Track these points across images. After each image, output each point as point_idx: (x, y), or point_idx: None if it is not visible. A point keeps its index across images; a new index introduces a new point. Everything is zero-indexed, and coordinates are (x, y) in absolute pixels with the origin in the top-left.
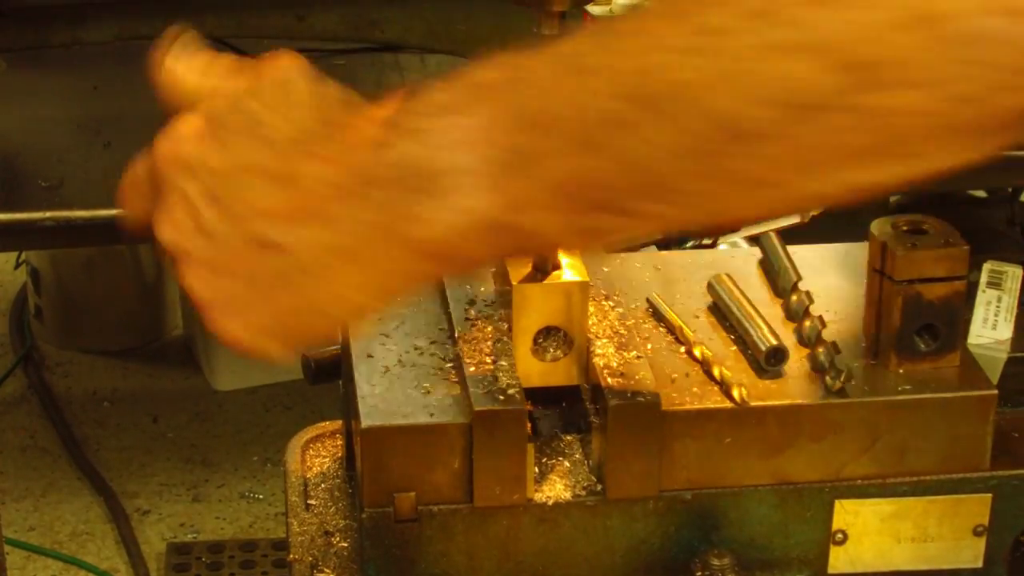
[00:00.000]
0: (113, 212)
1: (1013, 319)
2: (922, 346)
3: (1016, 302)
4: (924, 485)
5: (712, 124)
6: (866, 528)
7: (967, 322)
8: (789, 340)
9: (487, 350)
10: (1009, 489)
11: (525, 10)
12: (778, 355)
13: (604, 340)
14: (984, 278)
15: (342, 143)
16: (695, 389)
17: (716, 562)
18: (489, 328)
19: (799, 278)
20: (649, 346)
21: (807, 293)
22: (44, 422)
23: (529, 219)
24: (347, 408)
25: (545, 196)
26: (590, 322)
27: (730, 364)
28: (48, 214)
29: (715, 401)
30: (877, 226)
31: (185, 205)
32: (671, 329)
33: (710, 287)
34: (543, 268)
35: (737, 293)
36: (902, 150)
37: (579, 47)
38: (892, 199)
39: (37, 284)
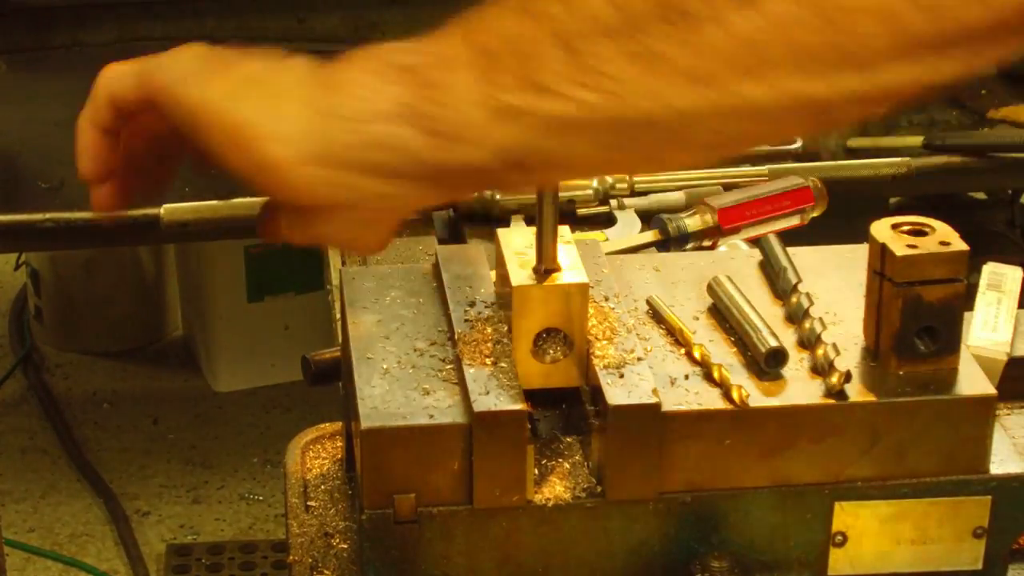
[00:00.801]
0: (113, 213)
1: (1013, 321)
2: (922, 348)
3: (1016, 304)
4: (924, 487)
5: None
6: (866, 530)
7: (967, 324)
8: (789, 342)
9: (487, 351)
10: (1009, 491)
11: None
12: (778, 357)
13: (604, 342)
14: (984, 280)
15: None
16: (695, 391)
17: (716, 564)
18: (489, 329)
19: (799, 280)
20: (649, 348)
21: (807, 295)
22: (44, 423)
23: (447, 76)
24: (347, 409)
25: (469, 53)
26: (590, 324)
27: (730, 366)
28: (48, 215)
29: (715, 403)
30: (877, 228)
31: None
32: (671, 331)
33: (710, 289)
34: (542, 270)
35: (737, 295)
36: (855, 58)
37: None
38: (892, 200)
39: (37, 285)
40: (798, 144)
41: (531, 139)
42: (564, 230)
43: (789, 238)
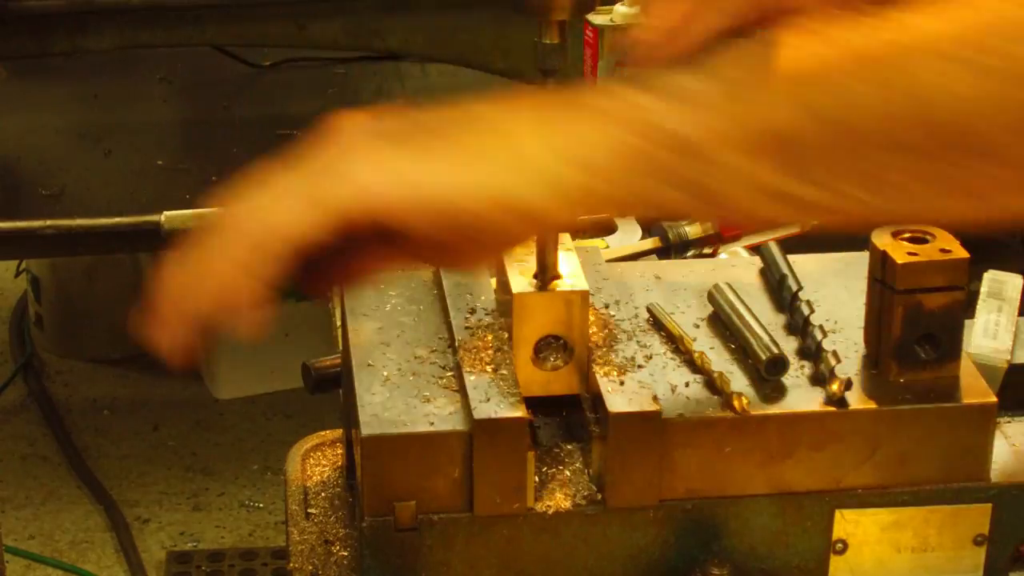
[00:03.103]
0: (113, 220)
1: (1013, 329)
2: (922, 355)
3: (1016, 312)
4: (924, 494)
5: (945, 132)
6: (866, 537)
7: (968, 331)
8: (789, 349)
9: (487, 359)
10: (1010, 499)
11: (526, 19)
12: (778, 365)
13: (604, 349)
14: (984, 288)
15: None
16: (695, 398)
17: (716, 571)
18: (489, 337)
19: (800, 288)
20: (649, 355)
21: (807, 302)
22: (44, 430)
23: (718, 153)
24: (347, 417)
25: (741, 133)
26: (590, 331)
27: (730, 373)
28: (48, 222)
29: (715, 410)
30: (877, 236)
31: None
32: (671, 338)
33: (710, 297)
34: (543, 277)
35: (737, 303)
36: None
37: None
38: None
39: (37, 292)
40: None
41: (792, 215)
42: (564, 237)
43: (790, 245)
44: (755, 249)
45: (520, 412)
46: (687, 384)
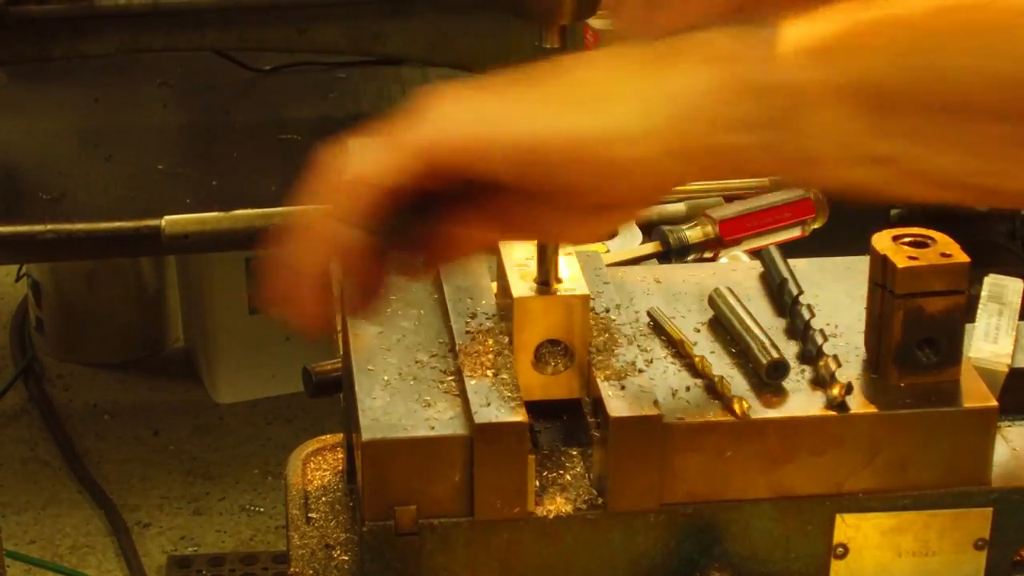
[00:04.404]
0: (114, 224)
1: (1014, 333)
2: (923, 359)
3: (1017, 316)
4: (925, 499)
5: None
6: (867, 542)
7: (968, 336)
8: (790, 354)
9: (488, 363)
10: (1010, 503)
11: (526, 24)
12: (779, 369)
13: (605, 353)
14: (985, 291)
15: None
16: (696, 403)
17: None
18: (490, 341)
19: (800, 292)
20: (650, 359)
21: (808, 307)
22: (45, 435)
23: (811, 112)
24: (348, 421)
25: (845, 96)
26: (591, 335)
27: (731, 377)
28: (49, 227)
29: (716, 415)
30: (878, 239)
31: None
32: (672, 342)
33: (711, 301)
34: (543, 282)
35: (738, 307)
36: None
37: None
38: (893, 212)
39: (38, 296)
40: None
41: (882, 182)
42: None
43: (790, 250)
44: (755, 253)
45: (521, 416)
46: (688, 388)
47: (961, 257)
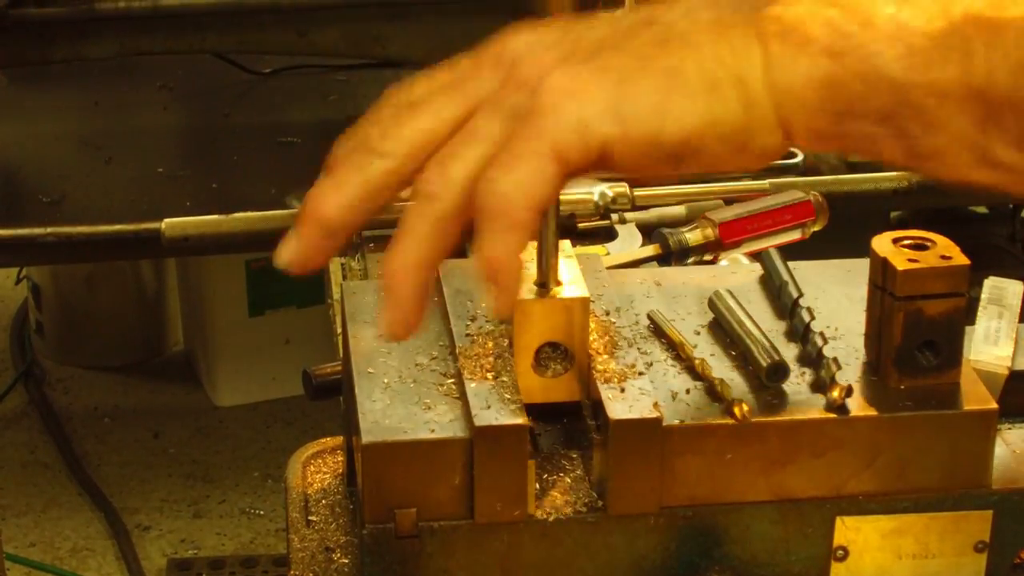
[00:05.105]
0: (114, 227)
1: (1014, 335)
2: (923, 362)
3: (1017, 318)
4: (925, 501)
5: None
6: (867, 544)
7: (968, 338)
8: (790, 356)
9: (488, 366)
10: (1011, 505)
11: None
12: (779, 371)
13: (605, 356)
14: (985, 294)
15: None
16: (696, 405)
17: None
18: (490, 344)
19: (800, 294)
20: (650, 362)
21: (808, 309)
22: (45, 438)
23: (940, 111)
24: (348, 424)
25: (969, 100)
26: (591, 338)
27: (731, 380)
28: (49, 230)
29: (716, 417)
30: (878, 242)
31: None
32: (672, 345)
33: (711, 303)
34: (543, 284)
35: (738, 309)
36: None
37: None
38: (893, 215)
39: (38, 299)
40: (799, 158)
41: (1006, 183)
42: (565, 244)
43: (790, 252)
44: (756, 256)
45: (521, 419)
46: (688, 391)
47: (961, 260)
